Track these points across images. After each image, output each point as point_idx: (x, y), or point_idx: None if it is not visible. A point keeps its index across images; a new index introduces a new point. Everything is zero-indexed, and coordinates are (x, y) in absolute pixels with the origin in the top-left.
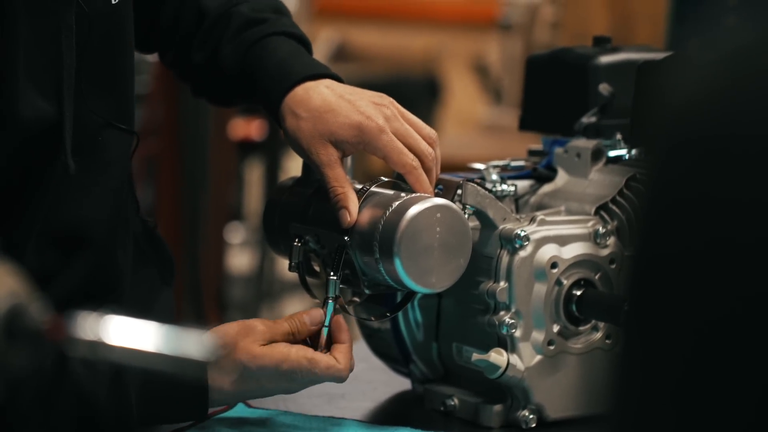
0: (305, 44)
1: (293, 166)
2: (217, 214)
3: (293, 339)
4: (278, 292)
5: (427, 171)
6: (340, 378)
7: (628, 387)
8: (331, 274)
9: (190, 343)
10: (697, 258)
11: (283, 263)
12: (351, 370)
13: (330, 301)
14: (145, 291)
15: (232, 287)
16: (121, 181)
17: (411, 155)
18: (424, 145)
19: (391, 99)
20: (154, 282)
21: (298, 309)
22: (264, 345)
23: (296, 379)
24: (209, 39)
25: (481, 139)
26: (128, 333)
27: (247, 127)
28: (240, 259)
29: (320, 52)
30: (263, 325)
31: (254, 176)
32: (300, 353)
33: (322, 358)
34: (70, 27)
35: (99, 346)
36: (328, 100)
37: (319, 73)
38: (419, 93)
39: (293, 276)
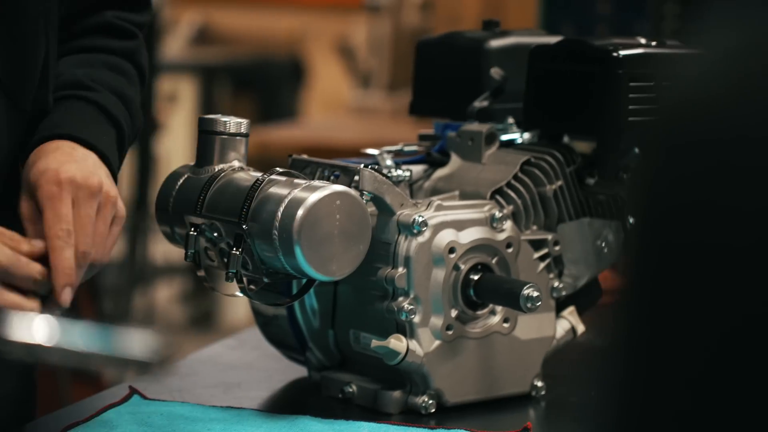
0: (118, 127)
1: (170, 153)
2: None
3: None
4: (150, 277)
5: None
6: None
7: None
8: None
9: (127, 341)
10: (699, 263)
11: (154, 248)
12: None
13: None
14: None
15: (103, 273)
16: None
17: (66, 228)
18: (83, 246)
19: (116, 199)
20: None
21: (171, 293)
22: None
23: None
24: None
25: (349, 122)
26: (59, 333)
27: None
28: None
29: (182, 35)
30: None
31: (125, 165)
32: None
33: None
34: None
35: (34, 348)
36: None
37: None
38: (284, 75)
39: (165, 260)
